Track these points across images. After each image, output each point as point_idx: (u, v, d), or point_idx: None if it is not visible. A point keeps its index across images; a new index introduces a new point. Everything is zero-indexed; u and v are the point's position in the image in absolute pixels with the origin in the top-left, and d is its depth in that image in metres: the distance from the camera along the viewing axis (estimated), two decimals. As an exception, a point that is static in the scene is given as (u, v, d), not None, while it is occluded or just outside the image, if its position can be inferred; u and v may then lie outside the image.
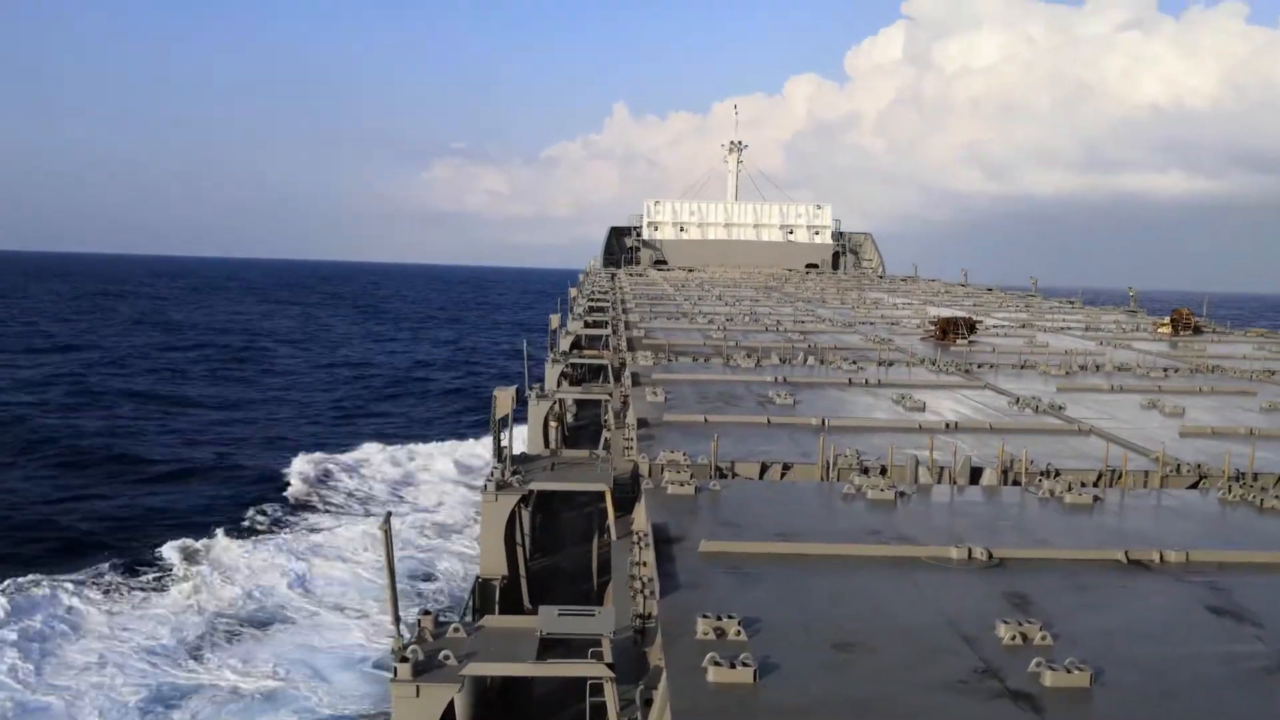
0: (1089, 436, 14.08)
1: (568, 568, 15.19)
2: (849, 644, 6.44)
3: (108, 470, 41.24)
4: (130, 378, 69.20)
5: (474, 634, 7.26)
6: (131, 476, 40.34)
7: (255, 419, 55.36)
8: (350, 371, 78.40)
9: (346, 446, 44.67)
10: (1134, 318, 38.71)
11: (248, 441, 48.31)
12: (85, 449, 44.41)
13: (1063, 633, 6.57)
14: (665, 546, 8.36)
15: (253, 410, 58.51)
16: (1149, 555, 8.36)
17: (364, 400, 64.59)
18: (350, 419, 56.79)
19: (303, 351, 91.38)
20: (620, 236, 74.04)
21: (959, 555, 8.23)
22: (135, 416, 54.00)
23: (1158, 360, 23.37)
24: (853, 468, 11.60)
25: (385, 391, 68.63)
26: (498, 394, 12.74)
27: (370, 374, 77.33)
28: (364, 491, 37.92)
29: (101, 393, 61.14)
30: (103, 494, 37.45)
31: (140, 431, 49.91)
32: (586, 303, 35.68)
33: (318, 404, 61.80)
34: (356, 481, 39.06)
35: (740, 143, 78.38)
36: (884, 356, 22.54)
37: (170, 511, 35.09)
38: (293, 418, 56.38)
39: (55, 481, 39.21)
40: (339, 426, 53.79)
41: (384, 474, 40.22)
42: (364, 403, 63.50)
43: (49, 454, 43.36)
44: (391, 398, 65.99)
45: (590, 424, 24.87)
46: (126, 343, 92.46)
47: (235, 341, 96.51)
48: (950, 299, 45.71)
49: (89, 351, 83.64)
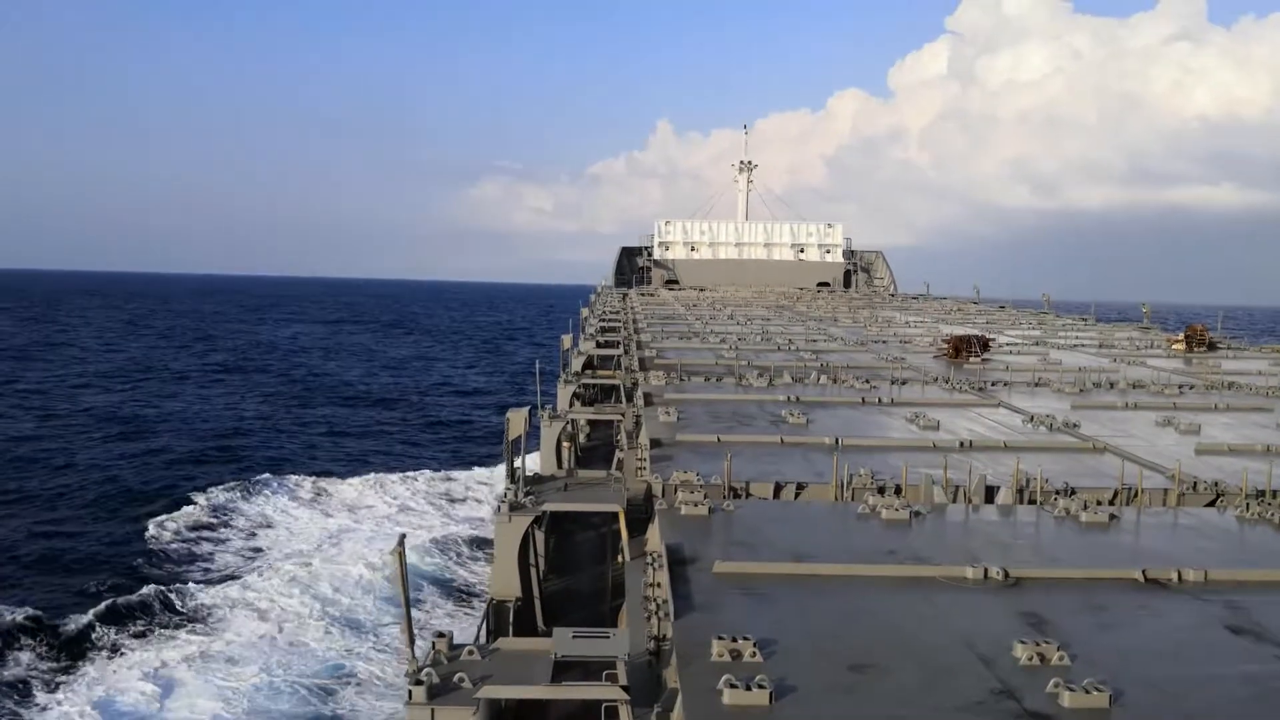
0: (1104, 455, 14.01)
1: (582, 589, 15.14)
2: (865, 665, 6.41)
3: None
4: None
5: (488, 656, 7.23)
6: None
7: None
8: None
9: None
10: (1147, 334, 38.56)
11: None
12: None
13: (1080, 653, 6.52)
14: (679, 567, 8.34)
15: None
16: (1167, 574, 8.30)
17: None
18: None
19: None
20: (631, 256, 74.11)
21: (975, 575, 8.18)
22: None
23: (1172, 377, 23.26)
24: (867, 487, 11.55)
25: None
26: (510, 415, 12.72)
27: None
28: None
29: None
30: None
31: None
32: (598, 323, 35.70)
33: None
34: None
35: (750, 162, 78.41)
36: (897, 375, 22.49)
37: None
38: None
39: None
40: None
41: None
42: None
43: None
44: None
45: (603, 444, 24.83)
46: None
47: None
48: (963, 317, 45.60)
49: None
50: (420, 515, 37.80)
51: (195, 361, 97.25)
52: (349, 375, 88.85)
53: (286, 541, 34.18)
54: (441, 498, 40.61)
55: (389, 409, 69.05)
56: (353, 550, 31.66)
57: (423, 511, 38.42)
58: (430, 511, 38.41)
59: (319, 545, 33.21)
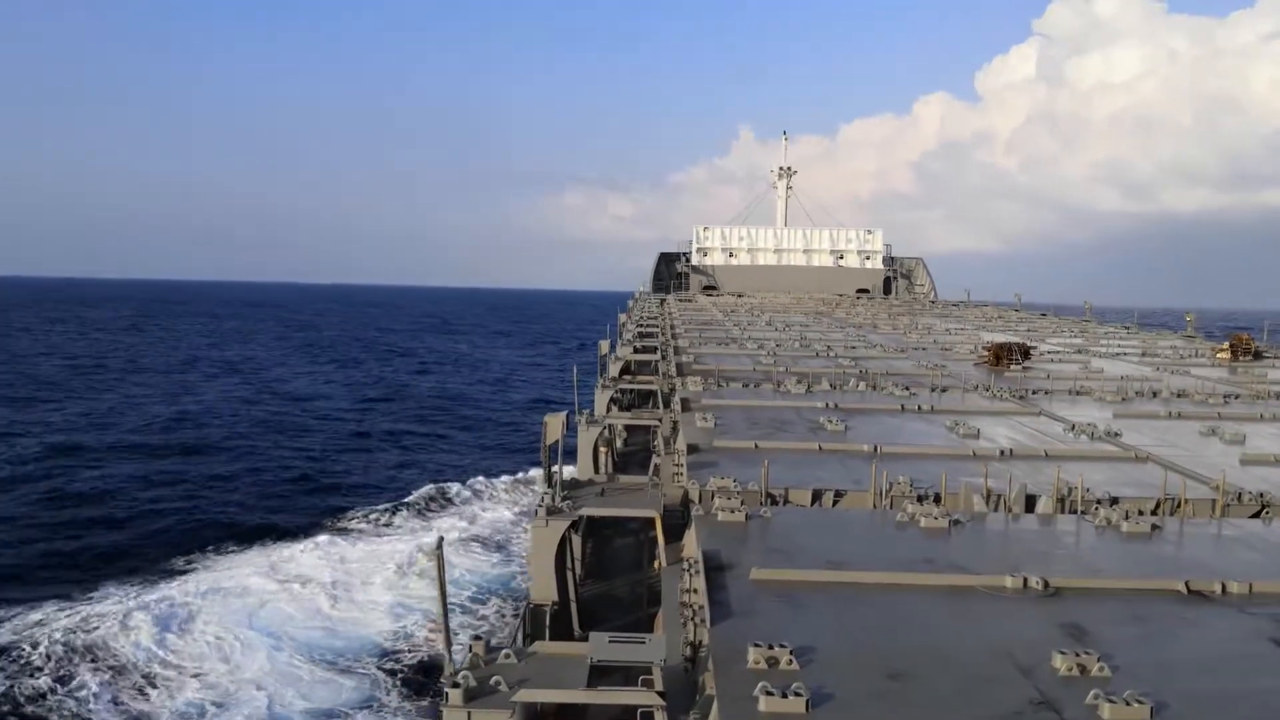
0: (1147, 464, 13.85)
1: (618, 594, 15.17)
2: (902, 674, 6.37)
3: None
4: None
5: (525, 660, 7.27)
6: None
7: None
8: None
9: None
10: (1191, 343, 38.12)
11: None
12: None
13: (1121, 664, 6.45)
14: (716, 574, 8.34)
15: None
16: (1210, 586, 8.19)
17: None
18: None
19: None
20: (670, 262, 74.23)
21: (1014, 584, 8.12)
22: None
23: (1217, 386, 22.94)
24: (906, 495, 11.49)
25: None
26: (548, 420, 12.78)
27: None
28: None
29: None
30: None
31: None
32: (636, 328, 35.75)
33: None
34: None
35: (789, 169, 78.35)
36: (936, 382, 22.33)
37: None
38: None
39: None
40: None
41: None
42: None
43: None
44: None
45: (640, 449, 24.85)
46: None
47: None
48: (1004, 324, 45.26)
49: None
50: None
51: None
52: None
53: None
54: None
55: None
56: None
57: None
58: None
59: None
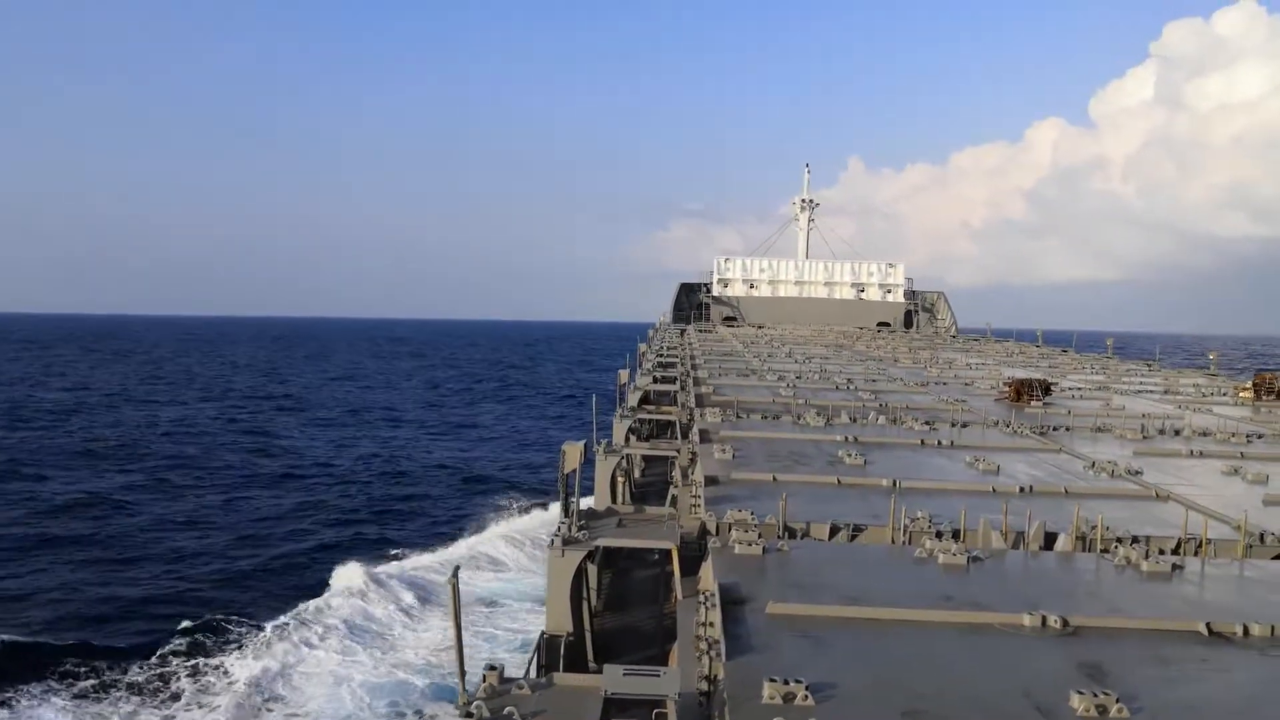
0: (1168, 503, 13.74)
1: (634, 626, 15.10)
2: (919, 711, 6.33)
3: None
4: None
5: (539, 690, 7.24)
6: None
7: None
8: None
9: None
10: (1213, 381, 37.85)
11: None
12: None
13: (1142, 705, 6.39)
14: (732, 607, 8.30)
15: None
16: (1231, 628, 8.10)
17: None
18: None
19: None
20: (690, 293, 74.30)
21: (1032, 622, 8.06)
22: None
23: (1240, 425, 22.76)
24: (925, 531, 11.43)
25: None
26: (566, 449, 12.77)
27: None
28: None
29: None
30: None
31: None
32: (655, 358, 35.76)
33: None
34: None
35: (812, 201, 78.46)
36: (957, 417, 22.25)
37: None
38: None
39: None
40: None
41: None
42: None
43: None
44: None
45: (658, 480, 24.81)
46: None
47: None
48: (1024, 360, 45.08)
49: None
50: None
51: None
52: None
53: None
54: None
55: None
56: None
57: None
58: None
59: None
